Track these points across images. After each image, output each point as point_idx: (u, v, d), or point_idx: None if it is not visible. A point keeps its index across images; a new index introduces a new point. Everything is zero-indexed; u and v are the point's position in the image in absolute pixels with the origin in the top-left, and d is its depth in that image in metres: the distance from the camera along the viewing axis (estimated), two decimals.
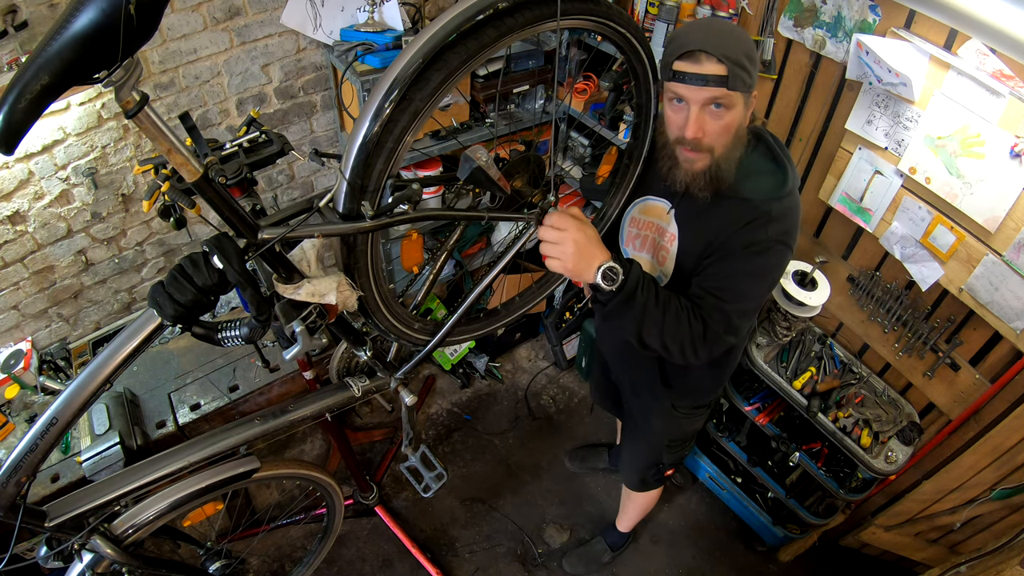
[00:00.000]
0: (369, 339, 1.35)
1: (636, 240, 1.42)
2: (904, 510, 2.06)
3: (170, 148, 0.73)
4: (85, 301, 2.12)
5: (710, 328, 1.20)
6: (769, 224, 1.18)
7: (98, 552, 1.15)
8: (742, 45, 1.08)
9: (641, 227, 1.40)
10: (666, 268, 1.35)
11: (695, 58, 1.07)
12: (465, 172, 1.11)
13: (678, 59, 1.09)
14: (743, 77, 1.07)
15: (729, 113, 1.12)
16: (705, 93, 1.08)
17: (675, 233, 1.31)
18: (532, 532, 2.45)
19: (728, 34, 1.09)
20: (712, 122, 1.12)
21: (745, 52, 1.07)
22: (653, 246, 1.38)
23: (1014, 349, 1.60)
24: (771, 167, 1.23)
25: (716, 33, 1.08)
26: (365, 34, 1.98)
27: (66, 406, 0.93)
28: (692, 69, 1.07)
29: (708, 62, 1.06)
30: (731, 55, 1.05)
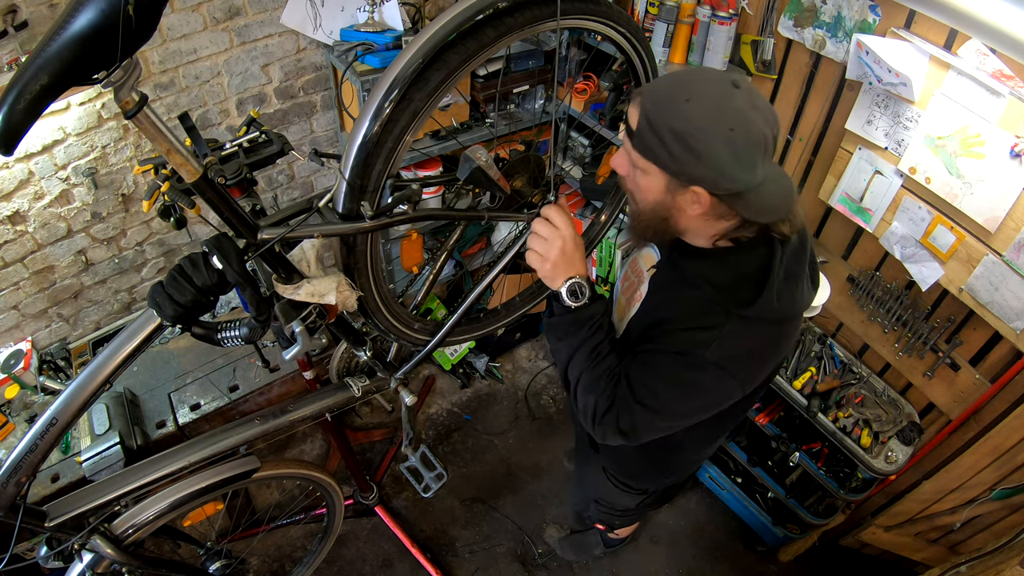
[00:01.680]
0: (369, 339, 1.35)
1: (626, 283, 1.31)
2: (904, 510, 2.06)
3: (169, 148, 0.73)
4: (85, 301, 2.12)
5: (611, 412, 1.08)
6: (709, 342, 1.00)
7: (98, 552, 1.15)
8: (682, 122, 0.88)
9: (634, 271, 1.29)
10: (622, 323, 1.25)
11: (633, 99, 0.96)
12: (465, 172, 1.11)
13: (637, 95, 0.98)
14: (655, 148, 0.91)
15: (643, 177, 0.98)
16: (622, 136, 1.00)
17: (643, 293, 1.19)
18: (532, 532, 2.45)
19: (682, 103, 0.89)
20: (632, 172, 1.00)
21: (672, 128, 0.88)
22: (630, 294, 1.26)
23: (1014, 349, 1.60)
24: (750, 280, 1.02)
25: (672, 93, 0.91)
26: (365, 34, 1.98)
27: (66, 406, 0.93)
28: (628, 108, 0.97)
29: (633, 108, 0.94)
30: (653, 119, 0.90)
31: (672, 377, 1.05)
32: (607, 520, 1.80)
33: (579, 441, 1.76)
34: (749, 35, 1.91)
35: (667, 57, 1.99)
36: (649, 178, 0.97)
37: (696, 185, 0.92)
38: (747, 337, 1.02)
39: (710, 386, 1.05)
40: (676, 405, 1.07)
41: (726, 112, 0.88)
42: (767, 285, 0.98)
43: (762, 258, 1.01)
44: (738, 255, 1.03)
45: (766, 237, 1.02)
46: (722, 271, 1.04)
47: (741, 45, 1.95)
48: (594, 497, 1.71)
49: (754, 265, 1.02)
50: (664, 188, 0.96)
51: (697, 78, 0.95)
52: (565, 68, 2.36)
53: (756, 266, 1.01)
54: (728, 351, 1.01)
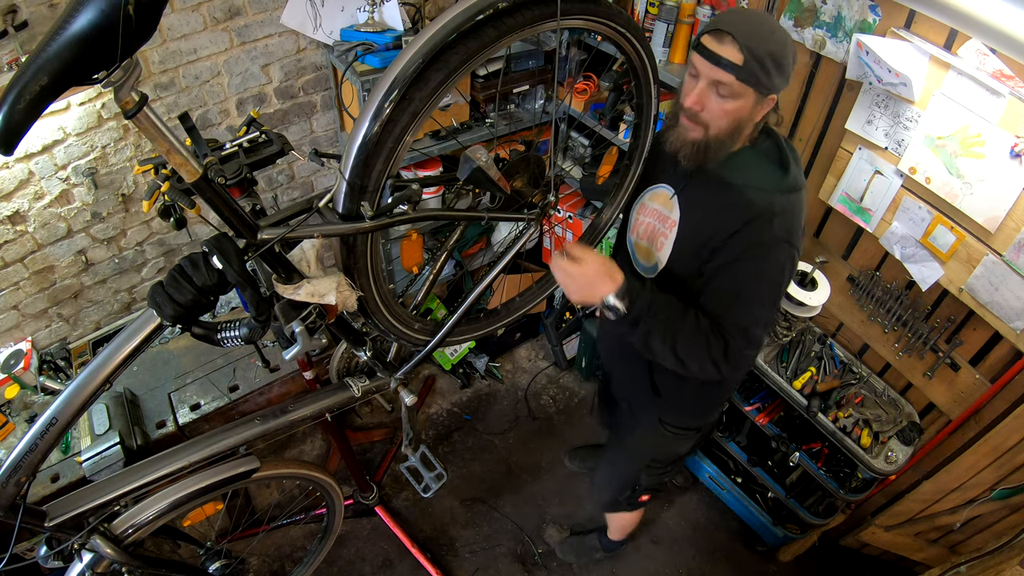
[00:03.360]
0: (369, 339, 1.35)
1: (640, 227, 1.41)
2: (904, 510, 2.06)
3: (169, 148, 0.73)
4: (85, 301, 2.12)
5: (731, 346, 1.19)
6: (771, 222, 1.16)
7: (98, 552, 1.15)
8: (772, 45, 1.07)
9: (647, 214, 1.40)
10: (661, 255, 1.34)
11: (719, 38, 1.07)
12: (465, 172, 1.11)
13: (706, 33, 1.10)
14: (758, 75, 1.07)
15: (733, 102, 1.12)
16: (714, 73, 1.08)
17: (676, 220, 1.30)
18: (532, 532, 2.45)
19: (763, 29, 1.09)
20: (714, 101, 1.12)
21: (771, 53, 1.06)
22: (652, 233, 1.37)
23: (1014, 349, 1.60)
24: (775, 163, 1.22)
25: (752, 24, 1.09)
26: (365, 34, 1.98)
27: (66, 406, 0.93)
28: (712, 47, 1.08)
29: (729, 46, 1.06)
30: (754, 49, 1.05)
31: (755, 277, 1.19)
32: (655, 482, 1.84)
33: (624, 418, 1.79)
34: None
35: (667, 57, 1.99)
36: (739, 101, 1.11)
37: (773, 93, 1.13)
38: (790, 207, 1.19)
39: (784, 261, 1.19)
40: (768, 295, 1.22)
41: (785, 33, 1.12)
42: (787, 162, 1.20)
43: (772, 145, 1.24)
44: (755, 149, 1.23)
45: (766, 130, 1.24)
46: (751, 161, 1.22)
47: None
48: (648, 460, 1.75)
49: (770, 151, 1.23)
50: (752, 105, 1.13)
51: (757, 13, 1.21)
52: (565, 68, 2.36)
53: (771, 151, 1.23)
54: (785, 223, 1.17)
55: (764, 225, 1.16)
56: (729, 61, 1.06)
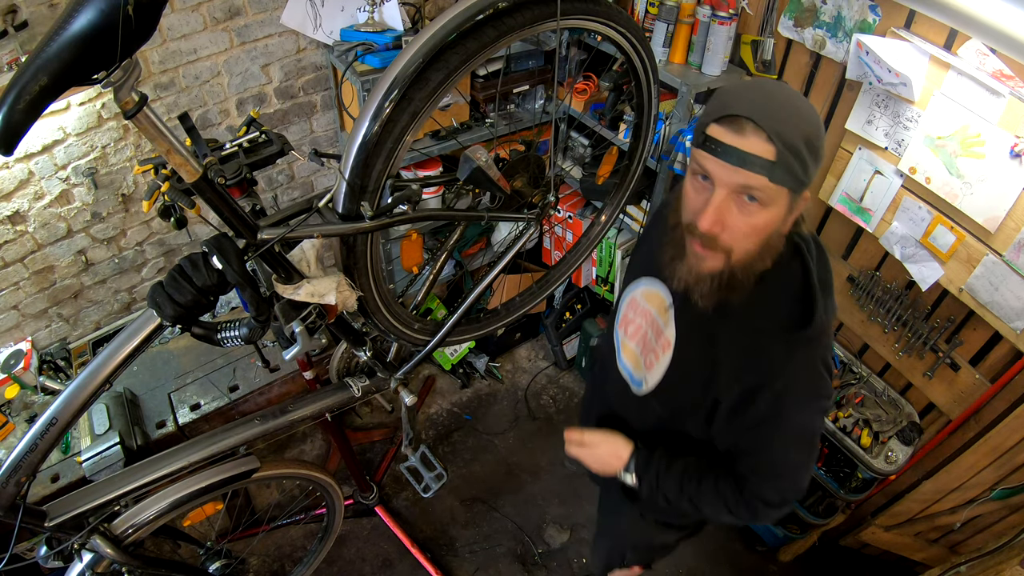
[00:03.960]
0: (369, 339, 1.35)
1: (630, 326, 1.18)
2: (904, 510, 2.06)
3: (169, 148, 0.73)
4: (85, 301, 2.12)
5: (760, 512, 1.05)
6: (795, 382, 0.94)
7: (98, 552, 1.15)
8: (806, 126, 0.81)
9: (637, 313, 1.16)
10: (650, 376, 1.12)
11: (738, 127, 0.80)
12: (465, 172, 1.11)
13: (716, 122, 0.82)
14: (795, 170, 0.81)
15: (764, 212, 0.84)
16: (739, 177, 0.81)
17: (671, 341, 1.06)
18: (532, 532, 2.45)
19: (790, 107, 0.82)
20: (739, 217, 0.85)
21: (806, 137, 0.80)
22: (644, 342, 1.13)
23: (1014, 349, 1.60)
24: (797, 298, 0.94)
25: (775, 102, 0.82)
26: (365, 34, 1.98)
27: (66, 406, 0.93)
28: (730, 140, 0.80)
29: (754, 137, 0.79)
30: (786, 136, 0.79)
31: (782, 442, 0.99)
32: (645, 559, 1.71)
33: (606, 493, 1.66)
34: (749, 35, 1.91)
35: (667, 57, 1.99)
36: (771, 210, 0.84)
37: (807, 189, 0.86)
38: (813, 358, 0.95)
39: (815, 419, 0.99)
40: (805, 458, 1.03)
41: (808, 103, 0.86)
42: (814, 297, 0.92)
43: (797, 272, 0.94)
44: (776, 273, 0.93)
45: (793, 247, 0.95)
46: (768, 294, 0.94)
47: (741, 45, 1.95)
48: (631, 545, 1.62)
49: (794, 281, 0.94)
50: (785, 212, 0.86)
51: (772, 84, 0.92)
52: (565, 68, 2.36)
53: (796, 282, 0.94)
54: (813, 379, 0.95)
55: (787, 386, 0.93)
56: (757, 157, 0.79)
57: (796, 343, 0.93)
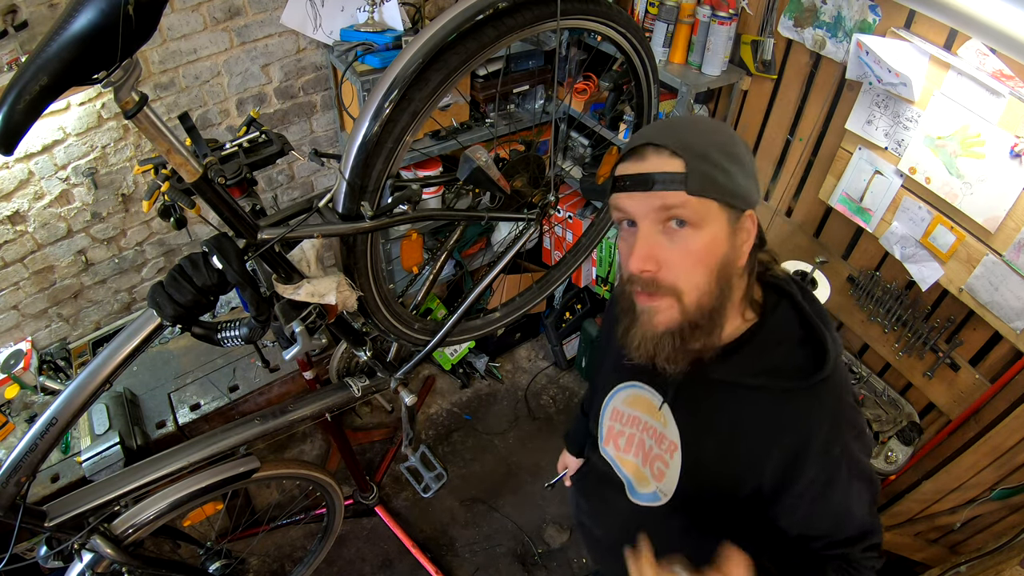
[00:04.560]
0: (369, 339, 1.35)
1: (620, 439, 1.04)
2: (904, 510, 2.06)
3: (169, 148, 0.73)
4: (85, 301, 2.12)
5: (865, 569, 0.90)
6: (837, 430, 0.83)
7: (98, 552, 1.15)
8: (713, 135, 0.77)
9: (624, 423, 1.03)
10: (664, 486, 0.97)
11: (639, 154, 0.76)
12: (465, 172, 1.11)
13: (620, 162, 0.79)
14: (715, 177, 0.74)
15: (698, 235, 0.75)
16: (654, 200, 0.74)
17: (676, 442, 0.93)
18: (532, 532, 2.45)
19: (694, 126, 0.79)
20: (672, 248, 0.76)
21: (717, 144, 0.75)
22: (644, 451, 1.00)
23: (1014, 349, 1.59)
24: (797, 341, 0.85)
25: (677, 125, 0.80)
26: (365, 34, 1.98)
27: (66, 406, 0.93)
28: (635, 169, 0.76)
29: (655, 156, 0.75)
30: (693, 146, 0.74)
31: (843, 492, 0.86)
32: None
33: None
34: (749, 35, 1.91)
35: (667, 57, 1.99)
36: (704, 231, 0.75)
37: (749, 206, 0.79)
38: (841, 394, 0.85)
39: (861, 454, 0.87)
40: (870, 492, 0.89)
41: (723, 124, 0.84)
42: (821, 336, 0.83)
43: (790, 315, 0.86)
44: (770, 325, 0.85)
45: (776, 290, 0.87)
46: (768, 350, 0.84)
47: (741, 45, 1.95)
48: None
49: (790, 326, 0.85)
50: (727, 232, 0.77)
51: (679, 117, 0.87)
52: (565, 68, 2.36)
53: (792, 326, 0.85)
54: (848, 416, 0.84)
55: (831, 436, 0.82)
56: (666, 173, 0.73)
57: (819, 387, 0.82)
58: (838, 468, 0.84)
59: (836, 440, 0.83)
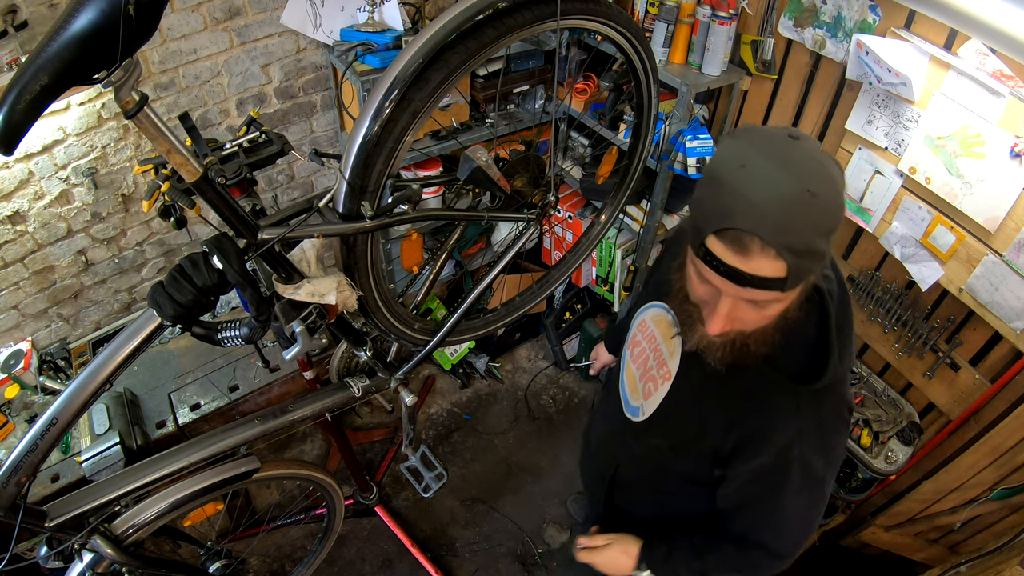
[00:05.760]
0: (369, 339, 1.35)
1: (635, 348, 1.14)
2: (904, 510, 2.06)
3: (170, 148, 0.73)
4: (85, 301, 2.12)
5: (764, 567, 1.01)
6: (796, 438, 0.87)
7: (98, 552, 1.15)
8: (823, 218, 0.71)
9: (645, 336, 1.11)
10: (646, 406, 1.07)
11: (741, 245, 0.70)
12: (465, 172, 1.11)
13: (714, 235, 0.72)
14: (810, 268, 0.73)
15: (778, 305, 0.78)
16: (746, 294, 0.75)
17: (672, 372, 1.01)
18: (532, 532, 2.45)
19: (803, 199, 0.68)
20: (750, 311, 0.79)
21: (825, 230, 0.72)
22: (645, 367, 1.09)
23: (1014, 349, 1.60)
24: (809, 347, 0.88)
25: (784, 198, 0.68)
26: (365, 34, 1.98)
27: (66, 406, 0.93)
28: (734, 262, 0.71)
29: (761, 257, 0.69)
30: (800, 244, 0.69)
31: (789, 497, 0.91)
32: None
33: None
34: (749, 35, 1.91)
35: (667, 57, 1.99)
36: (788, 296, 0.77)
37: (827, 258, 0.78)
38: (825, 408, 0.88)
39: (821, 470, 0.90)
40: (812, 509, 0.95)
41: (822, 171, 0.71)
42: (828, 351, 0.85)
43: (814, 316, 0.87)
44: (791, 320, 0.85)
45: (813, 287, 0.86)
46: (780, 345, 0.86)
47: (741, 45, 1.95)
48: None
49: (809, 326, 0.87)
50: (798, 296, 0.80)
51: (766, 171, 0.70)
52: (565, 68, 2.36)
53: (811, 327, 0.87)
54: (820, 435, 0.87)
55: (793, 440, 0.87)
56: (767, 279, 0.71)
57: (805, 396, 0.86)
58: (787, 471, 0.89)
59: (798, 447, 0.87)
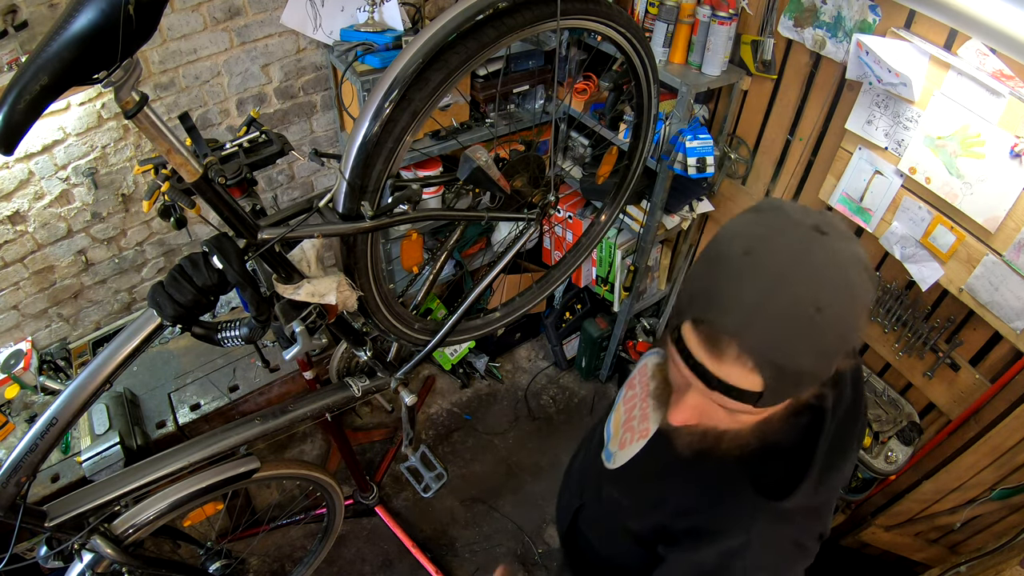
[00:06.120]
0: (369, 339, 1.35)
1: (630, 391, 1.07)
2: (904, 510, 2.06)
3: (170, 148, 0.73)
4: (85, 301, 2.12)
5: None
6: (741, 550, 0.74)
7: (98, 552, 1.15)
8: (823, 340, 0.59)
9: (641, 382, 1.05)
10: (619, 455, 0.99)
11: (716, 344, 0.60)
12: (465, 172, 1.11)
13: (689, 324, 0.63)
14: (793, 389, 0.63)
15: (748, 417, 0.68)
16: (715, 396, 0.64)
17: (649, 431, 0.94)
18: (532, 532, 2.45)
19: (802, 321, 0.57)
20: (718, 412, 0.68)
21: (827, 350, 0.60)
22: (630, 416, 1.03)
23: (1014, 349, 1.60)
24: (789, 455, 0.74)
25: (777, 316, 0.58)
26: (365, 34, 1.98)
27: (66, 406, 0.93)
28: (703, 359, 0.62)
29: (735, 364, 0.60)
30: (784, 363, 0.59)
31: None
32: None
33: None
34: (749, 35, 1.91)
35: (667, 57, 1.99)
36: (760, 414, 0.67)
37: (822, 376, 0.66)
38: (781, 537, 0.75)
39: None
40: None
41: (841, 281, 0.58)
42: (808, 469, 0.71)
43: (803, 429, 0.73)
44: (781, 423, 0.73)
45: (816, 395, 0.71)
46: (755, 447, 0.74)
47: (741, 45, 1.95)
48: None
49: (793, 437, 0.73)
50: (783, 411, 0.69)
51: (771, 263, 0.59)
52: (565, 68, 2.36)
53: (795, 438, 0.73)
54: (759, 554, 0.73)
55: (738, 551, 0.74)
56: (736, 389, 0.61)
57: (763, 512, 0.74)
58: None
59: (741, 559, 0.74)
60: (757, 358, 0.58)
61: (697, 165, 1.94)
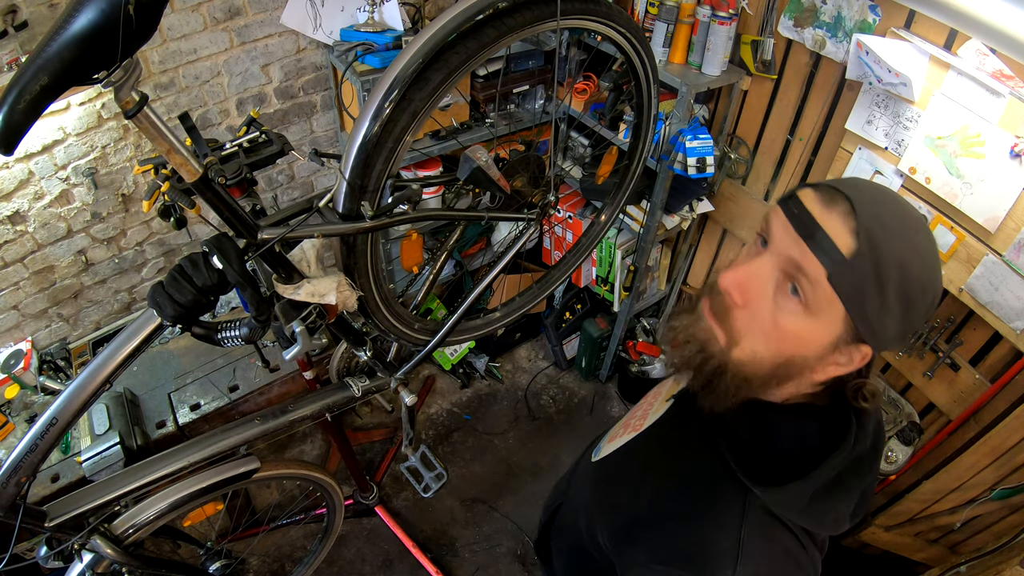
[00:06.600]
0: (369, 339, 1.35)
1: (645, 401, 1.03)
2: (904, 510, 2.06)
3: (170, 148, 0.73)
4: (85, 301, 2.12)
5: None
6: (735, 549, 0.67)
7: (98, 552, 1.15)
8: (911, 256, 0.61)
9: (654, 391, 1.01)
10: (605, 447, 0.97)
11: (829, 199, 0.63)
12: (465, 172, 1.11)
13: (812, 187, 0.65)
14: (867, 295, 0.60)
15: (799, 319, 0.64)
16: (796, 251, 0.63)
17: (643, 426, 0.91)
18: (532, 532, 2.44)
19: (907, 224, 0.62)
20: (768, 304, 0.66)
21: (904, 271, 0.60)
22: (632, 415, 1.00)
23: (1014, 349, 1.60)
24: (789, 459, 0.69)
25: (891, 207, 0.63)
26: (365, 34, 1.98)
27: (66, 406, 0.93)
28: (812, 208, 0.63)
29: (839, 220, 0.61)
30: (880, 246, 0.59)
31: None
32: None
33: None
34: (749, 35, 1.91)
35: (667, 57, 1.99)
36: (812, 322, 0.63)
37: (872, 345, 0.64)
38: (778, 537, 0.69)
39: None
40: None
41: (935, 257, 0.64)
42: (809, 474, 0.66)
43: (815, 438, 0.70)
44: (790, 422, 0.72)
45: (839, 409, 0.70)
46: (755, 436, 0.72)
47: (741, 45, 1.95)
48: None
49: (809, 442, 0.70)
50: (828, 340, 0.64)
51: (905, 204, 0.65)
52: (565, 68, 2.36)
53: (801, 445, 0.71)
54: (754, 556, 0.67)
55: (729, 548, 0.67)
56: (831, 242, 0.60)
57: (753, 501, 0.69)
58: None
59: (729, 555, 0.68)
60: (860, 222, 0.60)
61: (697, 165, 1.94)
